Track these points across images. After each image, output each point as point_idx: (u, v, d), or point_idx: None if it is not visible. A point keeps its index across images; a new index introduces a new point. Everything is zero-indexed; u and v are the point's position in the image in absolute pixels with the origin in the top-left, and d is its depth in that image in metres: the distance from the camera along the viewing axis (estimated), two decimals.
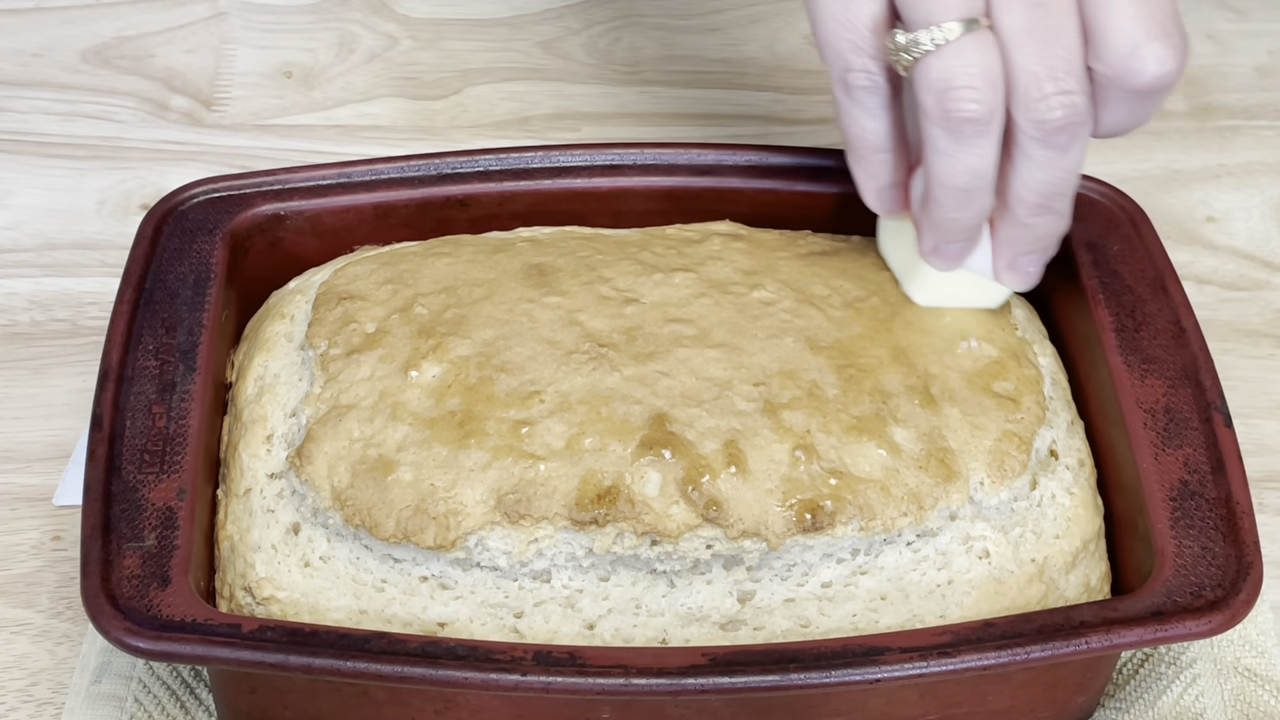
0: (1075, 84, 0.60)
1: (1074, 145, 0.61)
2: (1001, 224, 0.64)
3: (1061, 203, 0.63)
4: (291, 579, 0.61)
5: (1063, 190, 0.63)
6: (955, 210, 0.63)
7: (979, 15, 0.60)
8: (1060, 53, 0.60)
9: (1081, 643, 0.58)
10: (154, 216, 0.69)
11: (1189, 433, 0.63)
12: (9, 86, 0.91)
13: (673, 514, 0.60)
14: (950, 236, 0.64)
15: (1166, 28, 0.60)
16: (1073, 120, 0.60)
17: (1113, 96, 0.61)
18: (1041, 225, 0.64)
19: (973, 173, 0.61)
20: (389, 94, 0.92)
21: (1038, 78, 0.60)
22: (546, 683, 0.56)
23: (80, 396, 0.76)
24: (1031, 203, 0.63)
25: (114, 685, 0.66)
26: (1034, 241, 0.65)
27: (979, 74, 0.59)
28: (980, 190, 0.62)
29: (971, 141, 0.61)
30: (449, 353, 0.64)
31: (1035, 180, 0.62)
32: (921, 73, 0.60)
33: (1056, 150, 0.61)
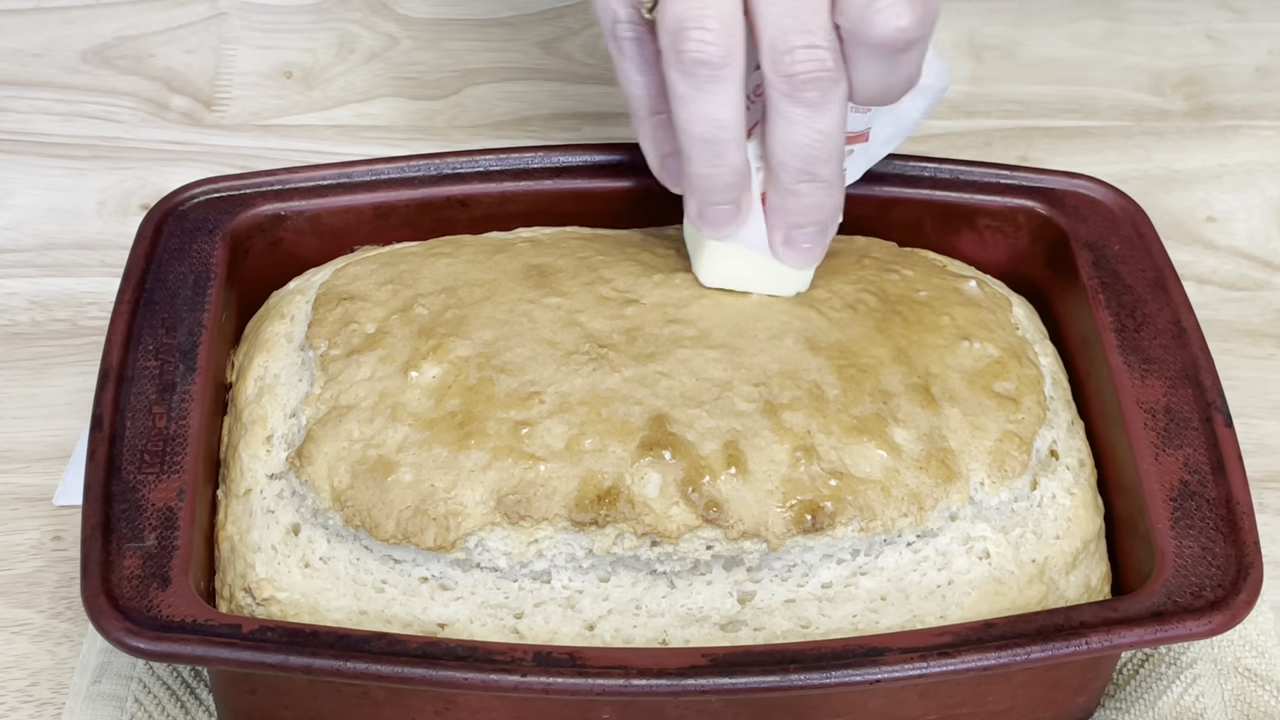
0: (822, 39, 0.59)
1: (826, 104, 0.60)
2: (770, 193, 0.63)
3: (825, 169, 0.62)
4: (291, 579, 0.61)
5: (823, 155, 0.61)
6: (705, 164, 0.62)
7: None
8: (807, 7, 0.59)
9: (1082, 643, 0.58)
10: (154, 216, 0.69)
11: (1189, 433, 0.63)
12: (9, 86, 0.91)
13: (673, 515, 0.60)
14: (710, 196, 0.63)
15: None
16: (820, 75, 0.60)
17: (858, 54, 0.60)
18: (808, 194, 0.63)
19: (713, 121, 0.61)
20: (389, 94, 0.92)
21: (784, 31, 0.59)
22: (546, 683, 0.56)
23: (80, 396, 0.76)
24: (793, 166, 0.62)
25: (114, 685, 0.66)
26: (804, 212, 0.63)
27: (714, 16, 0.59)
28: (726, 143, 0.61)
29: (707, 86, 0.60)
30: (449, 353, 0.64)
31: (791, 141, 0.61)
32: (660, 14, 0.60)
33: (808, 108, 0.60)
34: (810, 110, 0.60)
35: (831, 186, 0.63)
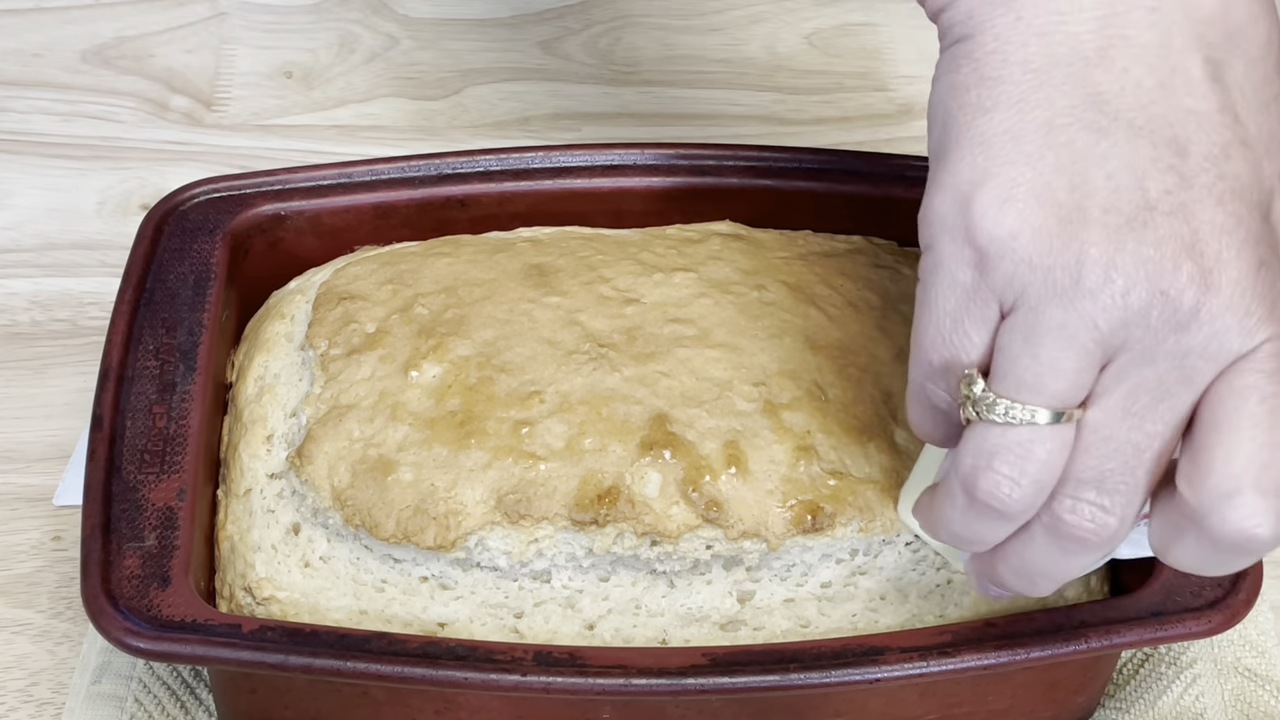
0: (1119, 505, 0.52)
1: (1083, 555, 0.53)
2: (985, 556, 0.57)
3: (1045, 583, 0.55)
4: (291, 579, 0.61)
5: (1052, 577, 0.55)
6: (948, 541, 0.56)
7: (1073, 408, 0.51)
8: (1124, 468, 0.52)
9: (1081, 642, 0.58)
10: (154, 216, 0.69)
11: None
12: (9, 86, 0.91)
13: (673, 514, 0.60)
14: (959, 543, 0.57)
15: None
16: (1091, 537, 0.52)
17: (1188, 531, 0.51)
18: (1015, 585, 0.56)
19: (976, 537, 0.54)
20: (389, 94, 0.92)
21: (1083, 480, 0.52)
22: (546, 683, 0.56)
23: (80, 396, 0.76)
24: (1015, 567, 0.55)
25: (114, 685, 0.66)
26: (1004, 588, 0.57)
27: (1031, 472, 0.52)
28: (980, 548, 0.55)
29: (987, 520, 0.53)
30: (449, 353, 0.64)
31: (1027, 556, 0.54)
32: (976, 434, 0.52)
33: (1062, 551, 0.53)
34: (1063, 553, 0.53)
35: (1040, 591, 0.56)
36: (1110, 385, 0.51)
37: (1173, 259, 0.50)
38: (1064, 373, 0.51)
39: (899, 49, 0.95)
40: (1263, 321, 0.50)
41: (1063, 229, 0.50)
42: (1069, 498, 0.52)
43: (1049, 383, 0.51)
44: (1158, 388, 0.51)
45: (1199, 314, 0.50)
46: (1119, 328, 0.50)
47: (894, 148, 0.86)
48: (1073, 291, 0.50)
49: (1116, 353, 0.51)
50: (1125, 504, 0.52)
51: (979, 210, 0.51)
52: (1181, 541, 0.52)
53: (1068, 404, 0.51)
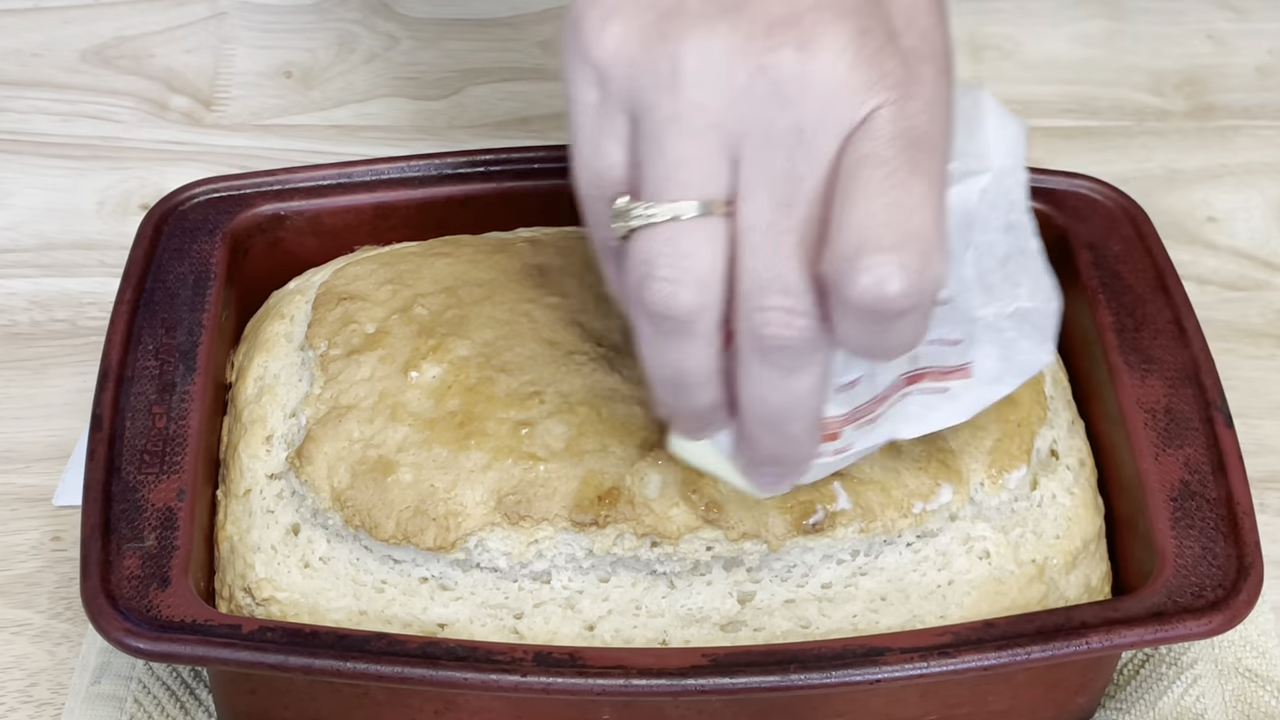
0: (802, 302, 0.51)
1: (800, 370, 0.52)
2: (737, 425, 0.55)
3: (796, 427, 0.53)
4: (291, 580, 0.61)
5: (793, 415, 0.53)
6: (667, 397, 0.54)
7: (716, 199, 0.51)
8: (792, 261, 0.50)
9: (1082, 643, 0.58)
10: (154, 216, 0.69)
11: (1189, 433, 0.63)
12: (9, 86, 0.91)
13: (673, 515, 0.60)
14: (680, 420, 0.56)
15: (908, 241, 0.49)
16: (792, 342, 0.51)
17: (835, 306, 0.50)
18: (773, 445, 0.54)
19: (677, 369, 0.53)
20: (389, 94, 0.92)
21: (761, 285, 0.51)
22: (546, 683, 0.56)
23: (80, 396, 0.76)
24: (756, 417, 0.53)
25: (114, 686, 0.66)
26: (769, 458, 0.55)
27: (688, 268, 0.51)
28: (693, 387, 0.53)
29: (672, 338, 0.52)
30: (449, 353, 0.64)
31: (758, 396, 0.52)
32: (632, 248, 0.52)
33: (779, 371, 0.52)
34: (782, 373, 0.52)
35: (799, 442, 0.54)
36: (750, 180, 0.51)
37: (767, 33, 0.50)
38: (689, 162, 0.51)
39: None
40: (871, 88, 0.50)
41: (661, 26, 0.51)
42: (756, 311, 0.51)
43: (678, 175, 0.51)
44: (790, 171, 0.50)
45: (804, 84, 0.50)
46: (729, 109, 0.50)
47: None
48: (676, 81, 0.51)
49: (739, 141, 0.51)
50: (805, 287, 0.51)
51: (588, 27, 0.52)
52: (838, 319, 0.50)
53: (705, 194, 0.51)
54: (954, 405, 0.57)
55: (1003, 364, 0.57)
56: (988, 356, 0.57)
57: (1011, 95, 0.92)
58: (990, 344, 0.57)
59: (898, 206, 0.49)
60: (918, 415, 0.57)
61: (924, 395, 0.57)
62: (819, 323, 0.51)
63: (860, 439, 0.57)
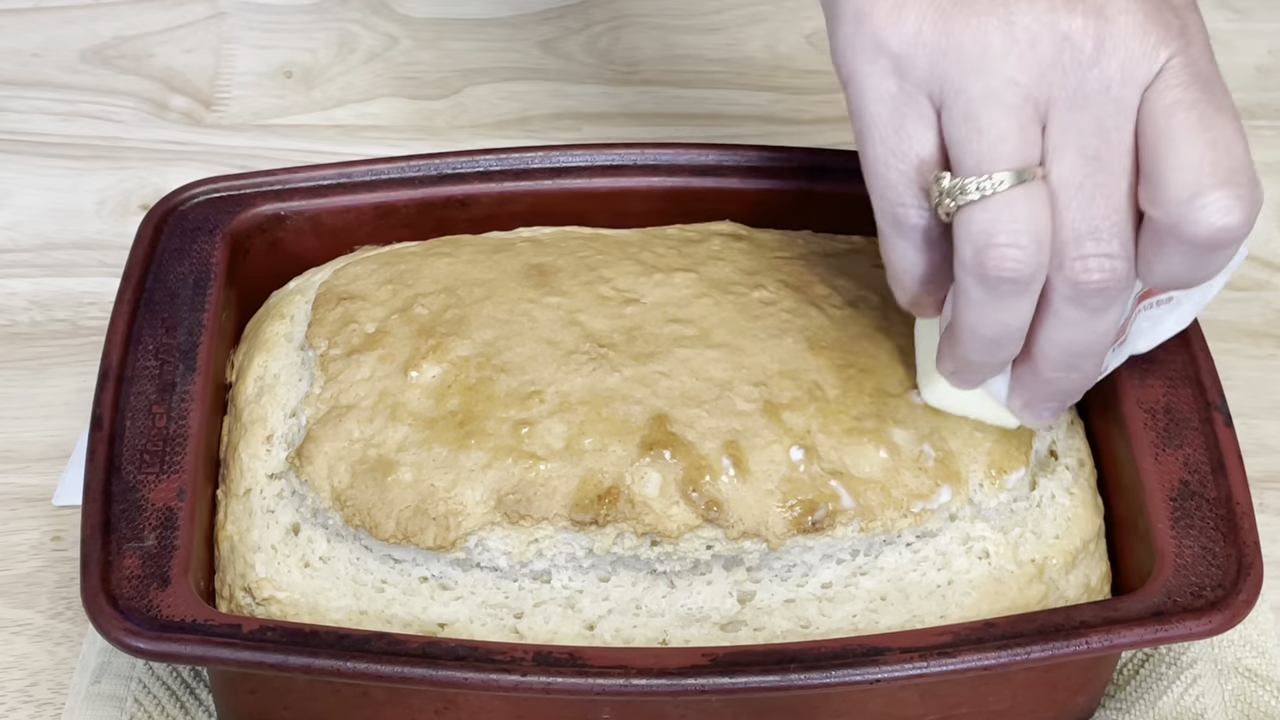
0: (1118, 246, 0.55)
1: (1109, 309, 0.57)
2: (1022, 368, 0.60)
3: (1089, 363, 0.59)
4: (291, 579, 0.61)
5: (1091, 351, 0.58)
6: (980, 355, 0.59)
7: (1033, 165, 0.55)
8: (1107, 211, 0.55)
9: (1082, 643, 0.58)
10: (154, 216, 0.69)
11: (1189, 433, 0.63)
12: (9, 86, 0.91)
13: (673, 514, 0.60)
14: (971, 373, 0.61)
15: (1235, 175, 0.54)
16: (1109, 284, 0.56)
17: (1167, 246, 0.55)
18: (1062, 381, 0.60)
19: (1003, 327, 0.57)
20: (389, 94, 0.92)
21: (1079, 236, 0.55)
22: (547, 683, 0.56)
23: (80, 396, 0.76)
24: (1056, 359, 0.59)
25: (114, 685, 0.66)
26: (1053, 394, 0.61)
27: (1024, 230, 0.55)
28: (1010, 341, 0.58)
29: (1007, 299, 0.56)
30: (449, 353, 0.64)
31: (1063, 339, 0.58)
32: (963, 222, 0.56)
33: (1089, 312, 0.57)
34: (1090, 314, 0.57)
35: (1088, 377, 0.60)
36: (1059, 141, 0.55)
37: (1065, 6, 0.55)
38: (1008, 134, 0.55)
39: None
40: (1161, 42, 0.55)
41: (958, 10, 0.55)
42: (1075, 259, 0.55)
43: (1000, 148, 0.55)
44: (1099, 127, 0.55)
45: (1104, 46, 0.55)
46: (1039, 79, 0.55)
47: None
48: (985, 60, 0.55)
49: (1049, 107, 0.55)
50: (1122, 244, 0.55)
51: (880, 22, 0.56)
52: (1163, 257, 0.55)
53: (1026, 162, 0.55)
54: (1178, 312, 0.62)
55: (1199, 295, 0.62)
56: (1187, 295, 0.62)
57: None
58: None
59: (1218, 144, 0.54)
60: (1148, 330, 0.63)
61: (1152, 309, 0.62)
62: (1132, 264, 0.56)
63: (1112, 359, 0.62)
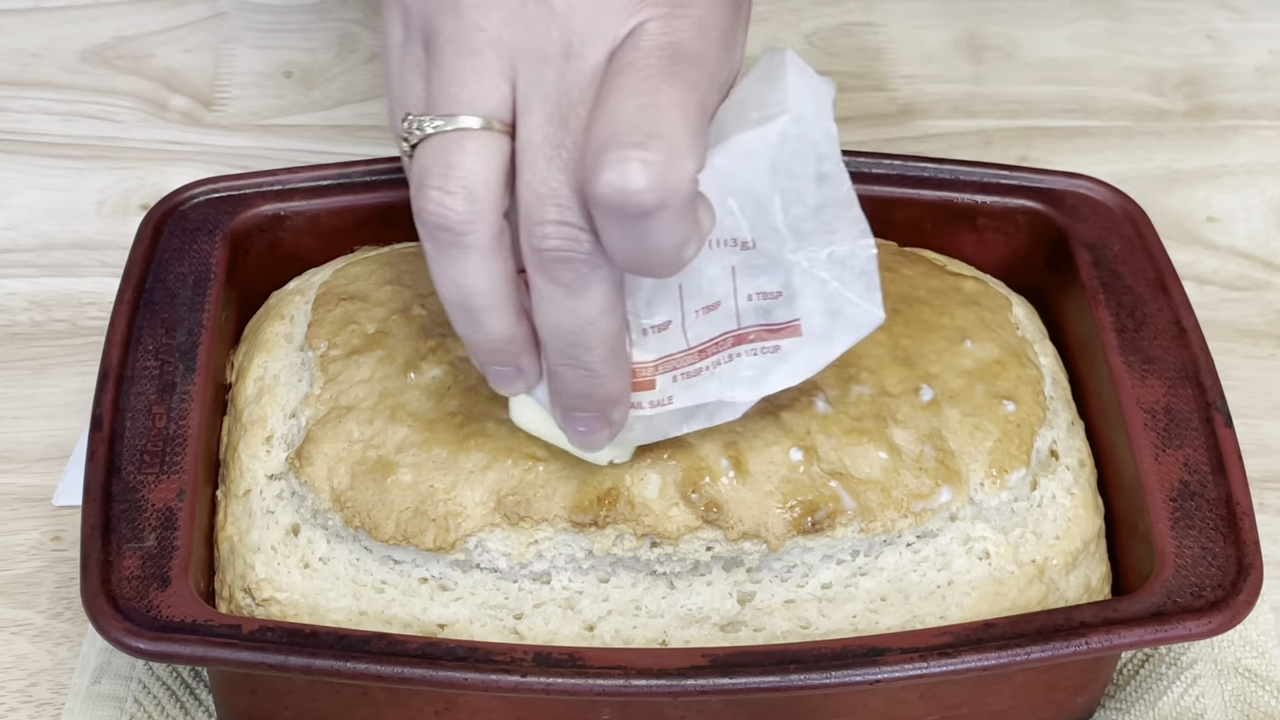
0: (578, 215, 0.51)
1: (585, 287, 0.52)
2: (546, 369, 0.57)
3: (588, 355, 0.54)
4: (291, 580, 0.61)
5: (583, 341, 0.54)
6: (465, 328, 0.55)
7: (495, 116, 0.53)
8: (566, 175, 0.52)
9: (1082, 643, 0.58)
10: (154, 216, 0.69)
11: (1189, 433, 0.63)
12: (9, 86, 0.91)
13: (673, 516, 0.60)
14: (479, 358, 0.57)
15: (651, 140, 0.50)
16: (572, 254, 0.52)
17: (595, 214, 0.51)
18: (571, 379, 0.55)
19: (459, 288, 0.54)
20: None
21: (539, 199, 0.52)
22: (546, 684, 0.56)
23: (80, 396, 0.76)
24: (550, 346, 0.55)
25: (114, 686, 0.66)
26: (571, 396, 0.56)
27: (458, 177, 0.52)
28: (482, 310, 0.54)
29: (449, 251, 0.53)
30: (449, 354, 0.63)
31: (548, 321, 0.54)
32: (413, 160, 0.54)
33: (562, 288, 0.53)
34: (565, 290, 0.53)
35: (597, 376, 0.55)
36: (526, 98, 0.53)
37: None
38: (465, 76, 0.53)
39: (899, 49, 0.95)
40: (639, 3, 0.52)
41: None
42: (536, 224, 0.52)
43: (454, 90, 0.53)
44: (561, 86, 0.52)
45: (572, 3, 0.52)
46: (503, 27, 0.53)
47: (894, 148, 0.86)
48: (458, 3, 0.53)
49: (517, 61, 0.53)
50: (584, 211, 0.51)
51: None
52: (601, 230, 0.51)
53: (482, 110, 0.53)
54: (789, 365, 0.57)
55: (831, 319, 0.57)
56: (814, 312, 0.57)
57: (1011, 95, 0.92)
58: (814, 297, 0.56)
59: (648, 108, 0.50)
60: (752, 379, 0.57)
61: (756, 357, 0.57)
62: (595, 236, 0.52)
63: (681, 394, 0.57)
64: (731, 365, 0.57)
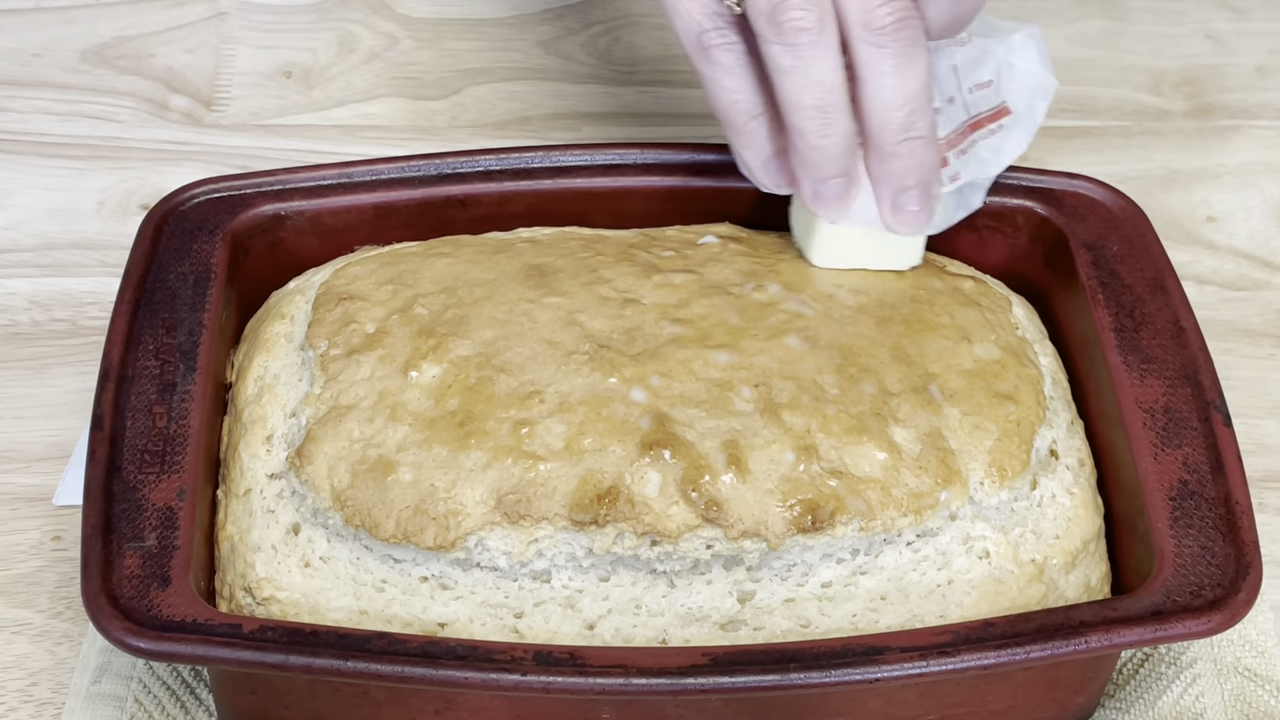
0: None
1: (913, 52, 0.62)
2: (873, 162, 0.65)
3: (921, 121, 0.64)
4: (291, 579, 0.61)
5: (918, 106, 0.63)
6: (817, 135, 0.63)
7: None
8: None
9: (1081, 642, 0.58)
10: (154, 216, 0.69)
11: (1188, 433, 0.63)
12: (9, 86, 0.91)
13: (673, 514, 0.60)
14: (824, 169, 0.64)
15: None
16: (903, 20, 0.62)
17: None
18: (907, 153, 0.64)
19: (820, 85, 0.62)
20: (389, 94, 0.92)
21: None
22: (547, 683, 0.56)
23: (80, 396, 0.76)
24: (894, 124, 0.63)
25: (114, 685, 0.66)
26: (907, 173, 0.65)
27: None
28: (834, 107, 0.63)
29: (809, 51, 0.62)
30: (449, 353, 0.64)
31: (886, 97, 0.63)
32: (749, 2, 0.62)
33: (898, 59, 0.62)
34: (906, 60, 0.62)
35: (928, 141, 0.64)
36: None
37: None
38: None
39: None
40: None
41: None
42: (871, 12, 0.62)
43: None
44: None
45: None
46: None
47: None
48: None
49: None
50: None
51: None
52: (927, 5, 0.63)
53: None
54: (1012, 139, 0.68)
55: (1029, 95, 0.68)
56: (1012, 91, 0.68)
57: None
58: (1011, 79, 0.68)
59: None
60: (992, 157, 0.68)
61: (988, 139, 0.68)
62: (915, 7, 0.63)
63: (964, 168, 0.67)
64: (975, 150, 0.68)
